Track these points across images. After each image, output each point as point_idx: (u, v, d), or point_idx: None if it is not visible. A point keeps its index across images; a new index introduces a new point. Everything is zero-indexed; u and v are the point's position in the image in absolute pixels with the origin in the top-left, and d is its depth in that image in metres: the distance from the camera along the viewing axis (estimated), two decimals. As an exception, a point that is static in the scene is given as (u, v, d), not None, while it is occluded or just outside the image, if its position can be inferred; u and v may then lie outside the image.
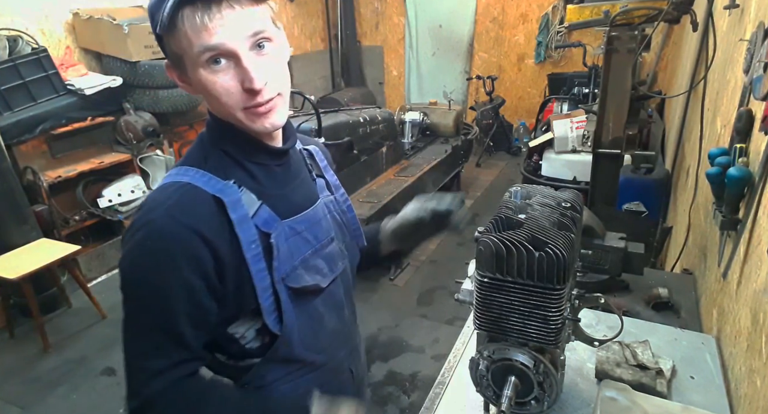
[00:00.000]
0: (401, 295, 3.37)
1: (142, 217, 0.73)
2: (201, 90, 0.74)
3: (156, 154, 4.09)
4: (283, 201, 0.83)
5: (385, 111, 4.10)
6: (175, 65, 0.75)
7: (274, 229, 0.79)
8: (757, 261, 1.02)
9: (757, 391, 0.91)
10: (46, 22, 3.69)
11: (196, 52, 0.69)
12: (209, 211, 0.74)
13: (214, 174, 0.77)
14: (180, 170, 0.78)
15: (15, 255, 2.90)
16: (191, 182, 0.75)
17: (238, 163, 0.81)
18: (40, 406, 2.53)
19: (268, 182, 0.83)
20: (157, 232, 0.71)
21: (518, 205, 0.86)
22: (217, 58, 0.70)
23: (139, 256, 0.73)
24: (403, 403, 2.46)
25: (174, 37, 0.70)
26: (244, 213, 0.76)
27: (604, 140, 2.11)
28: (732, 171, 1.14)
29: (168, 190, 0.75)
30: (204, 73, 0.71)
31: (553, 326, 0.79)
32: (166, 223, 0.71)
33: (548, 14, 5.87)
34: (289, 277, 0.81)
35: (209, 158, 0.80)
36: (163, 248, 0.71)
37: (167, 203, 0.73)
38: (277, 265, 0.79)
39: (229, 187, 0.76)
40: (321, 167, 0.98)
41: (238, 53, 0.70)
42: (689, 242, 1.97)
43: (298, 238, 0.84)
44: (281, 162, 0.86)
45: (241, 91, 0.72)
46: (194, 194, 0.74)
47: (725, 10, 1.95)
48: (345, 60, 6.94)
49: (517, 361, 0.85)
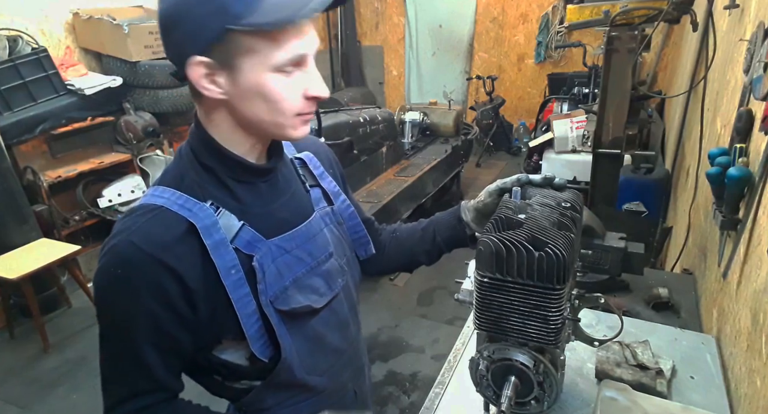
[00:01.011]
0: (401, 295, 3.37)
1: (108, 241, 0.71)
2: (251, 94, 0.68)
3: (156, 154, 4.09)
4: (269, 219, 0.79)
5: (385, 111, 4.10)
6: (223, 67, 0.67)
7: (258, 251, 0.75)
8: (757, 261, 1.02)
9: (757, 391, 0.91)
10: (46, 22, 3.69)
11: (282, 54, 0.66)
12: (178, 237, 0.70)
13: (191, 194, 0.73)
14: (156, 191, 0.74)
15: (15, 255, 2.90)
16: (164, 206, 0.71)
17: (219, 180, 0.76)
18: (40, 406, 2.53)
19: (251, 200, 0.78)
20: (119, 260, 0.69)
21: (518, 205, 0.86)
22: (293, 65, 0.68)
23: (103, 282, 0.72)
24: (403, 403, 2.46)
25: (255, 34, 0.64)
26: (221, 238, 0.72)
27: (604, 140, 2.11)
28: (732, 171, 1.14)
29: (137, 213, 0.72)
30: (273, 76, 0.67)
31: (553, 326, 0.79)
32: (128, 250, 0.68)
33: (548, 14, 5.87)
34: (278, 300, 0.77)
35: (186, 176, 0.75)
36: (124, 276, 0.69)
37: (132, 228, 0.70)
38: (263, 288, 0.75)
39: (204, 210, 0.72)
40: (316, 175, 0.92)
41: (309, 60, 0.69)
42: (689, 242, 1.97)
43: (289, 256, 0.80)
44: (266, 178, 0.81)
45: (302, 98, 0.71)
46: (164, 219, 0.70)
47: (725, 10, 1.95)
48: (345, 60, 6.94)
49: (517, 361, 0.85)
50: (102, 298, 0.73)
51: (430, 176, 4.09)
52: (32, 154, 3.41)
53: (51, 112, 3.41)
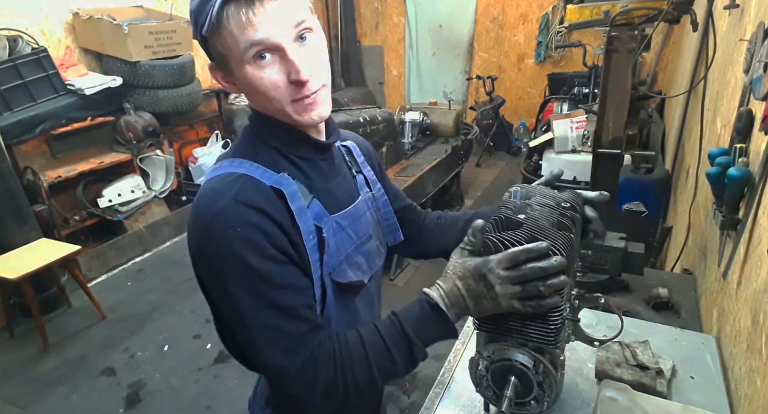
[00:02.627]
0: (401, 295, 3.37)
1: (208, 207, 0.71)
2: (247, 87, 0.74)
3: (156, 154, 4.09)
4: (329, 196, 0.84)
5: (385, 111, 4.10)
6: (220, 66, 0.75)
7: (325, 223, 0.80)
8: (757, 261, 1.02)
9: (757, 391, 0.91)
10: (46, 22, 3.69)
11: (242, 48, 0.69)
12: (272, 199, 0.74)
13: (267, 167, 0.77)
14: (233, 162, 0.77)
15: (15, 255, 2.90)
16: (248, 173, 0.75)
17: (286, 157, 0.81)
18: (40, 406, 2.53)
19: (315, 176, 0.83)
20: (231, 219, 0.70)
21: (518, 205, 0.85)
22: (262, 54, 0.70)
23: (225, 245, 0.70)
24: (403, 403, 2.46)
25: (219, 36, 0.70)
26: (302, 204, 0.77)
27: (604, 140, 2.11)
28: (732, 171, 1.14)
29: (227, 179, 0.74)
30: (250, 69, 0.71)
31: (552, 326, 0.79)
32: (237, 208, 0.70)
33: (548, 14, 5.87)
34: (335, 272, 0.82)
35: (260, 151, 0.80)
36: (243, 233, 0.70)
37: (232, 191, 0.72)
38: (326, 259, 0.80)
39: (285, 178, 0.77)
40: (359, 163, 0.98)
41: (282, 46, 0.70)
42: (689, 242, 1.97)
43: (343, 233, 0.85)
44: (325, 156, 0.86)
45: (288, 84, 0.72)
46: (254, 184, 0.74)
47: (725, 10, 1.96)
48: (345, 60, 6.94)
49: (517, 361, 0.85)
50: (227, 263, 0.71)
51: (430, 176, 4.08)
52: (32, 154, 3.41)
53: (51, 112, 3.41)
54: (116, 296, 3.44)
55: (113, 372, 2.74)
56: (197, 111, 4.52)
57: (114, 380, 2.68)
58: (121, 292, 3.51)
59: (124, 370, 2.75)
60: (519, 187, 0.90)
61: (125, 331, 3.06)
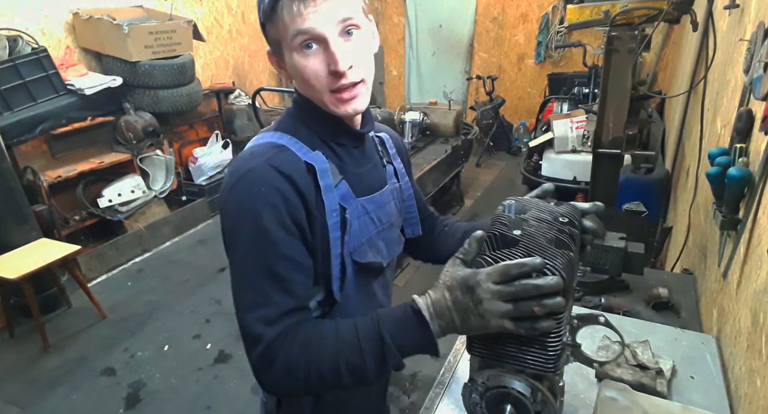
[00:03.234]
0: (401, 295, 3.36)
1: (242, 166, 0.78)
2: (294, 73, 0.80)
3: (156, 154, 4.10)
4: (358, 180, 0.88)
5: (385, 111, 4.10)
6: (275, 52, 0.82)
7: (350, 205, 0.85)
8: (757, 261, 1.02)
9: (757, 391, 0.91)
10: (46, 22, 3.69)
11: (290, 36, 0.75)
12: (302, 171, 0.79)
13: (305, 143, 0.83)
14: (275, 135, 0.84)
15: (15, 255, 2.90)
16: (286, 145, 0.81)
17: (322, 140, 0.86)
18: (40, 406, 2.53)
19: (348, 161, 0.88)
20: (261, 179, 0.76)
21: (513, 220, 0.80)
22: (309, 43, 0.75)
23: (243, 201, 0.76)
24: (403, 403, 2.46)
25: (274, 24, 0.77)
26: (330, 182, 0.82)
27: (604, 140, 2.11)
28: (732, 171, 1.14)
29: (266, 146, 0.81)
30: (297, 57, 0.77)
31: (551, 353, 0.73)
32: (267, 171, 0.76)
33: (548, 14, 5.87)
34: (356, 252, 0.87)
35: (299, 130, 0.85)
36: (266, 193, 0.75)
37: (267, 155, 0.78)
38: (347, 239, 0.84)
39: (318, 156, 0.82)
40: (390, 154, 1.02)
41: (326, 38, 0.75)
42: (689, 242, 1.97)
43: (367, 217, 0.89)
44: (358, 144, 0.91)
45: (328, 75, 0.77)
46: (290, 155, 0.80)
47: (725, 10, 1.95)
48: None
49: (513, 389, 0.79)
50: (243, 217, 0.76)
51: (430, 176, 4.08)
52: (32, 154, 3.41)
53: (51, 112, 3.41)
54: (116, 296, 3.44)
55: (113, 372, 2.74)
56: (197, 111, 4.52)
57: (114, 380, 2.68)
58: (121, 292, 3.51)
59: (124, 370, 2.75)
60: (513, 201, 0.85)
61: (125, 331, 3.06)
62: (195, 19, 4.30)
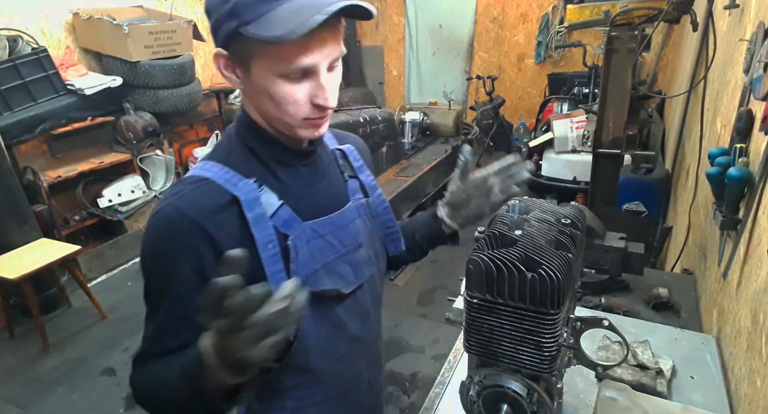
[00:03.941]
0: (401, 295, 3.37)
1: (156, 205, 0.77)
2: (260, 91, 0.74)
3: (156, 154, 4.09)
4: (307, 202, 0.83)
5: (385, 111, 4.10)
6: (236, 59, 0.73)
7: (294, 231, 0.79)
8: (757, 261, 1.02)
9: (757, 391, 0.91)
10: (46, 22, 3.69)
11: (286, 66, 0.70)
12: (220, 207, 0.75)
13: (237, 171, 0.78)
14: (205, 165, 0.80)
15: (15, 255, 2.90)
16: (212, 178, 0.77)
17: (262, 161, 0.81)
18: (40, 406, 2.53)
19: (291, 182, 0.82)
20: (164, 221, 0.74)
21: (515, 220, 0.80)
22: (300, 73, 0.72)
23: (148, 242, 0.76)
24: (403, 403, 2.46)
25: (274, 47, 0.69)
26: (261, 212, 0.76)
27: (604, 140, 2.11)
28: (732, 171, 1.14)
29: (185, 182, 0.78)
30: (283, 84, 0.72)
31: (547, 353, 0.73)
32: (172, 213, 0.73)
33: (548, 14, 5.86)
34: (308, 281, 0.80)
35: (233, 154, 0.81)
36: (167, 237, 0.73)
37: (178, 195, 0.75)
38: (294, 267, 0.78)
39: (249, 185, 0.77)
40: (355, 168, 0.95)
41: (319, 72, 0.72)
42: (689, 242, 1.97)
43: (321, 241, 0.83)
44: (306, 162, 0.86)
45: (309, 105, 0.74)
46: (209, 190, 0.76)
47: (725, 10, 1.95)
48: (345, 60, 6.91)
49: (510, 388, 0.79)
50: (146, 257, 0.77)
51: (430, 176, 4.09)
52: (32, 154, 3.41)
53: (51, 112, 3.41)
54: (116, 296, 3.44)
55: (113, 372, 2.74)
56: (197, 111, 4.52)
57: (114, 380, 2.68)
58: (121, 292, 3.51)
59: (124, 370, 2.74)
60: (518, 201, 0.85)
61: (125, 331, 3.06)
62: (195, 19, 4.29)
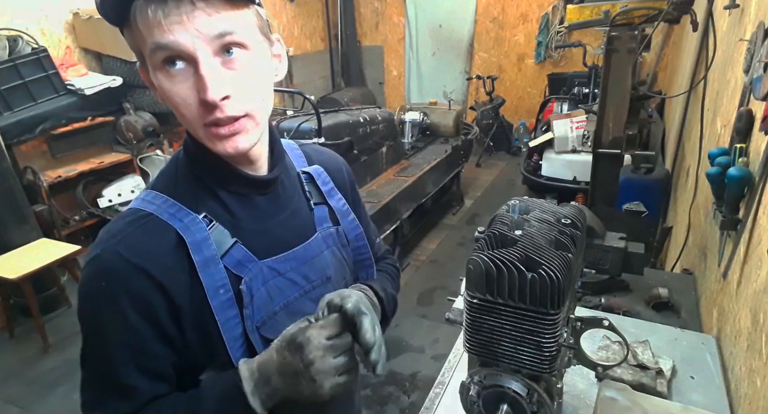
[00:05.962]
0: (401, 295, 3.36)
1: (93, 249, 0.66)
2: (162, 97, 0.63)
3: (156, 154, 4.10)
4: (264, 237, 0.73)
5: (385, 111, 4.10)
6: (143, 65, 0.64)
7: (248, 273, 0.70)
8: (757, 261, 1.02)
9: (757, 391, 0.91)
10: (46, 22, 3.69)
11: (148, 50, 0.59)
12: (168, 249, 0.66)
13: (184, 203, 0.68)
14: (148, 196, 0.69)
15: (15, 255, 2.90)
16: (155, 213, 0.67)
17: (212, 191, 0.70)
18: (40, 406, 2.53)
19: (246, 215, 0.72)
20: (103, 270, 0.64)
21: (515, 220, 0.80)
22: (173, 60, 0.59)
23: (85, 294, 0.66)
24: (403, 403, 2.46)
25: (129, 29, 0.60)
26: (211, 254, 0.67)
27: (604, 140, 2.11)
28: (732, 171, 1.14)
29: (126, 220, 0.67)
30: (161, 77, 0.61)
31: (547, 353, 0.73)
32: (113, 260, 0.63)
33: (548, 14, 5.87)
34: (265, 326, 0.71)
35: (179, 184, 0.70)
36: (108, 289, 0.64)
37: (118, 237, 0.65)
38: (249, 313, 0.70)
39: (196, 223, 0.67)
40: (324, 192, 0.84)
41: (196, 56, 0.58)
42: (689, 242, 1.97)
43: (282, 279, 0.74)
44: (265, 191, 0.74)
45: (199, 104, 0.61)
46: (153, 229, 0.66)
47: (725, 10, 1.95)
48: (345, 60, 6.95)
49: (510, 388, 0.79)
50: (84, 311, 0.67)
51: (430, 176, 4.08)
52: (32, 154, 3.41)
53: (51, 112, 3.41)
54: (116, 296, 3.44)
55: (113, 372, 2.74)
56: (197, 111, 4.52)
57: (114, 380, 2.68)
58: (121, 292, 3.51)
59: (124, 370, 2.75)
60: (518, 201, 0.85)
61: (125, 331, 3.06)
62: (195, 19, 4.30)
